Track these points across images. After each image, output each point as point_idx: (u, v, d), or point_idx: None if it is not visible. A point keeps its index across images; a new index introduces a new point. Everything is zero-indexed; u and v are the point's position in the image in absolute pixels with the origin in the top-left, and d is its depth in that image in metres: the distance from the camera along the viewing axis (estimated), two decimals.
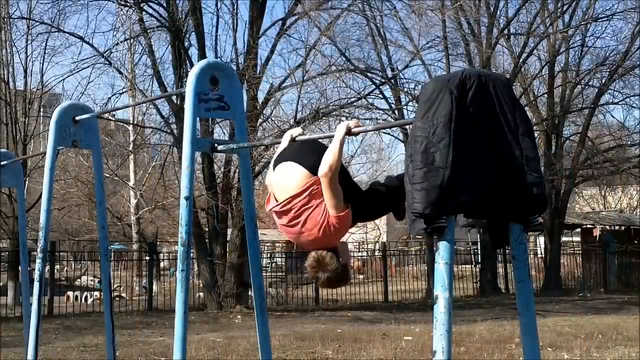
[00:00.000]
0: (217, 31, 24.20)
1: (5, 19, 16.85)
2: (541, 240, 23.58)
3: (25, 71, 17.37)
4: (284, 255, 23.03)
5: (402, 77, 18.88)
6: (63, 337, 10.72)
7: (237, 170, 12.56)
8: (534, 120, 18.94)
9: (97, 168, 6.10)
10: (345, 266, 3.59)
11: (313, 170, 3.58)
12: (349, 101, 16.12)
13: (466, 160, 2.94)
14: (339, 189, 3.54)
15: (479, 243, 21.21)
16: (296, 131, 4.14)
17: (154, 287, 16.00)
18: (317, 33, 15.64)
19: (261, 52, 15.79)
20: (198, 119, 4.39)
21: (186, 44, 15.21)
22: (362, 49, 18.73)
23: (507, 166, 3.04)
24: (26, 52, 17.26)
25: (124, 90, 17.73)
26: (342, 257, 3.58)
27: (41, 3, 22.71)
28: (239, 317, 13.46)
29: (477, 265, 20.86)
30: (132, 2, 14.86)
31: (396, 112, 18.16)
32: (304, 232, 3.60)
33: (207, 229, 15.41)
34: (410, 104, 17.83)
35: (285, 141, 4.06)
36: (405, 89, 18.33)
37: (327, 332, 10.70)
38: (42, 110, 19.33)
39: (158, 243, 21.69)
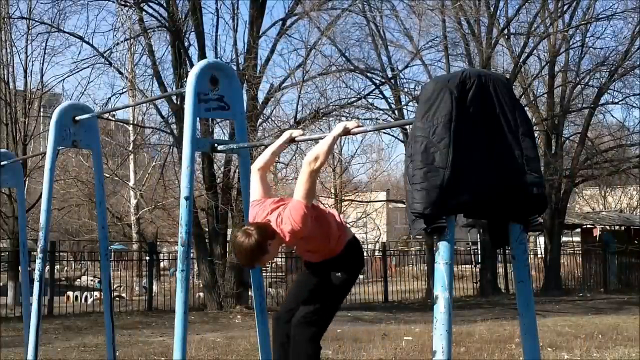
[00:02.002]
0: (217, 31, 24.17)
1: (5, 19, 16.85)
2: (541, 240, 23.58)
3: (25, 71, 17.40)
4: (284, 255, 23.04)
5: (402, 77, 18.90)
6: (63, 337, 10.70)
7: (237, 170, 12.55)
8: (534, 120, 18.94)
9: (97, 168, 6.10)
10: (263, 249, 3.59)
11: None
12: (349, 101, 16.12)
13: (466, 160, 2.94)
14: (314, 186, 3.61)
15: (479, 243, 21.21)
16: (297, 132, 4.17)
17: (154, 287, 15.99)
18: (317, 33, 15.67)
19: (261, 52, 15.81)
20: (198, 119, 4.39)
21: (186, 44, 15.21)
22: (362, 49, 18.77)
23: (507, 166, 3.04)
24: (26, 52, 17.29)
25: (124, 90, 17.74)
26: (272, 243, 3.61)
27: (41, 3, 22.76)
28: (239, 317, 13.46)
29: (477, 265, 20.85)
30: (132, 2, 14.85)
31: (396, 112, 18.16)
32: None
33: (207, 229, 15.41)
34: (410, 104, 17.84)
35: (283, 138, 4.09)
36: (405, 89, 18.34)
37: (327, 332, 10.62)
38: (42, 110, 19.34)
39: (158, 243, 21.69)
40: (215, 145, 4.59)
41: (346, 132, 3.68)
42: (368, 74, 17.43)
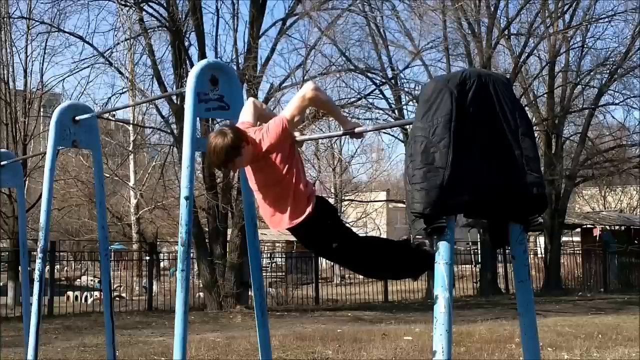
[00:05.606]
0: (217, 31, 24.25)
1: (5, 19, 16.87)
2: (541, 240, 23.59)
3: (25, 71, 17.43)
4: (284, 255, 23.05)
5: (402, 77, 18.95)
6: (63, 337, 10.70)
7: (237, 170, 12.55)
8: (534, 120, 18.94)
9: (97, 168, 6.10)
10: (237, 150, 3.51)
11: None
12: (349, 101, 16.12)
13: (466, 160, 2.94)
14: (302, 113, 3.68)
15: (479, 243, 21.21)
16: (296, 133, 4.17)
17: (154, 287, 16.00)
18: (317, 33, 15.66)
19: (261, 52, 15.80)
20: (198, 119, 4.39)
21: (186, 44, 15.21)
22: (363, 49, 18.80)
23: (507, 166, 3.04)
24: (26, 52, 17.33)
25: (124, 90, 17.77)
26: (246, 147, 3.51)
27: (41, 3, 22.91)
28: (239, 317, 13.45)
29: (477, 265, 20.85)
30: (132, 2, 14.86)
31: (396, 112, 18.17)
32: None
33: (207, 229, 15.41)
34: (410, 104, 17.86)
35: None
36: (406, 89, 18.35)
37: (327, 332, 10.69)
38: (42, 110, 19.35)
39: (158, 243, 21.70)
40: None
41: (350, 129, 3.69)
42: (368, 74, 17.44)
